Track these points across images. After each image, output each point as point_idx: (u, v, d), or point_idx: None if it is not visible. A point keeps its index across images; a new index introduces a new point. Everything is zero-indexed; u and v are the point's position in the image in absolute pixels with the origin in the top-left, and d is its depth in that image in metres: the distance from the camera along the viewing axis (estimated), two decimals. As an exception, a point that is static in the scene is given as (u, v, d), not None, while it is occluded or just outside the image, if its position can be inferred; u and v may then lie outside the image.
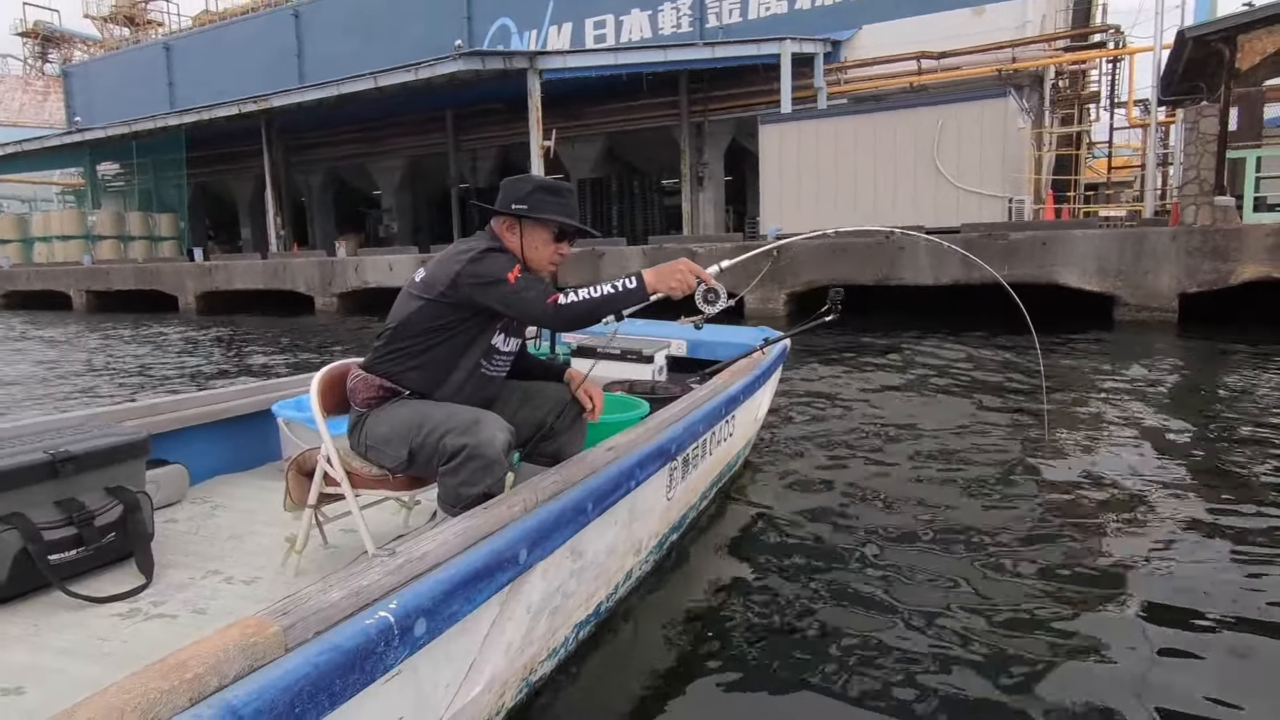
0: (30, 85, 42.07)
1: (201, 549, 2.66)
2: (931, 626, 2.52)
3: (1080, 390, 6.61)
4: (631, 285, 2.21)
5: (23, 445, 2.36)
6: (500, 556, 1.69)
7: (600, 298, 2.19)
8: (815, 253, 12.79)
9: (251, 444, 3.37)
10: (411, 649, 1.41)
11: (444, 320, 2.31)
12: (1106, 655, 2.33)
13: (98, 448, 2.45)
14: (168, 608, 2.26)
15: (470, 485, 2.15)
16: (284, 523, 2.73)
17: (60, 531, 2.30)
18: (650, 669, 2.31)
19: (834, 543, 3.26)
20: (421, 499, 2.75)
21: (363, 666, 1.29)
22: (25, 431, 2.51)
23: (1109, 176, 22.79)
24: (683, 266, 2.26)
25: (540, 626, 2.01)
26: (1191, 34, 11.84)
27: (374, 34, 25.28)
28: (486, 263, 2.25)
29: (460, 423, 2.20)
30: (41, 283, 23.88)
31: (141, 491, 2.54)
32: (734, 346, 4.62)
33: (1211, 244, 10.41)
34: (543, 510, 1.92)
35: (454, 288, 2.26)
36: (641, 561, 2.77)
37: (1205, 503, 3.63)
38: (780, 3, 19.85)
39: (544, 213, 2.38)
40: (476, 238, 2.46)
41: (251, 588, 2.40)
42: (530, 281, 2.23)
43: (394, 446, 2.28)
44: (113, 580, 2.39)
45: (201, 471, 3.17)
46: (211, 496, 3.11)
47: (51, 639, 2.06)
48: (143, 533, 2.48)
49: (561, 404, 2.56)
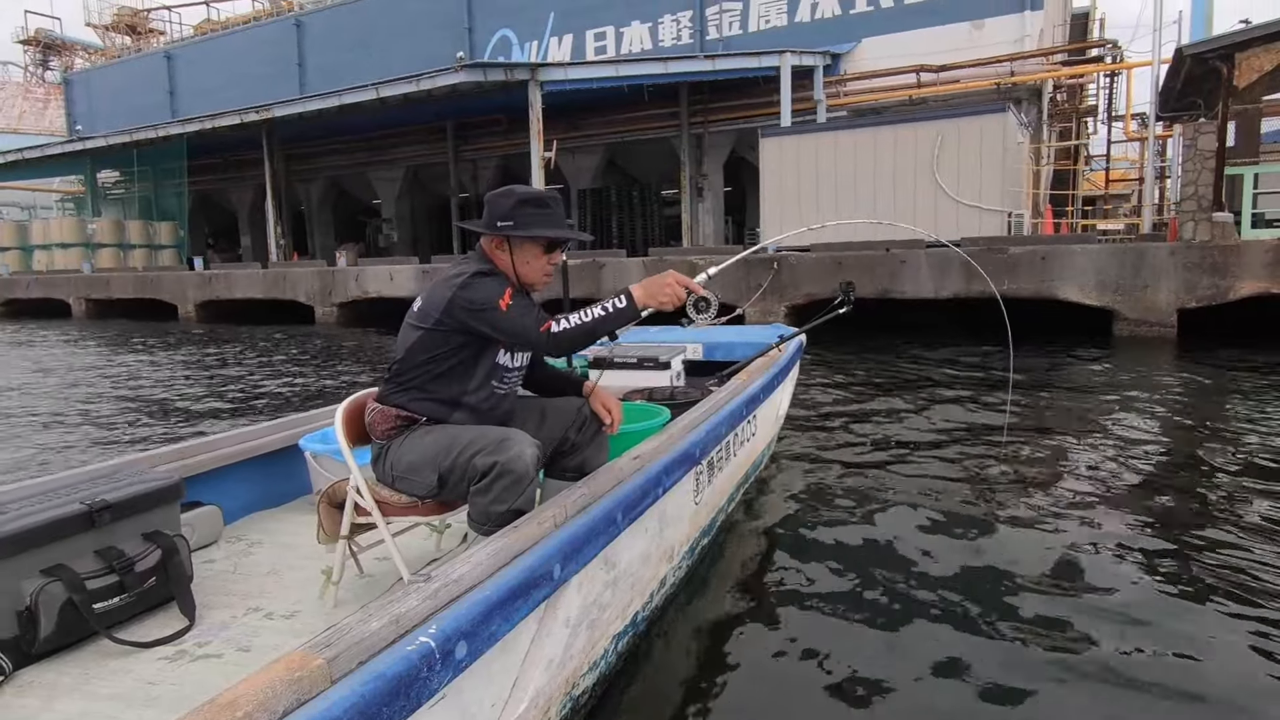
0: (31, 93, 42.04)
1: (241, 587, 2.69)
2: (980, 627, 2.56)
3: (1077, 403, 6.67)
4: (622, 304, 2.22)
5: (59, 498, 2.38)
6: (535, 573, 1.70)
7: (592, 321, 2.20)
8: (816, 265, 12.87)
9: (282, 479, 3.40)
10: (454, 672, 1.42)
11: (446, 347, 2.32)
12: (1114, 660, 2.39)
13: (132, 495, 2.46)
14: (212, 648, 2.28)
15: (501, 503, 2.16)
16: (319, 555, 2.76)
17: (102, 580, 2.32)
18: (690, 676, 2.34)
19: (866, 537, 3.31)
20: (452, 522, 2.77)
21: (408, 693, 1.30)
22: (60, 484, 2.53)
23: (1106, 190, 22.92)
24: (670, 279, 2.26)
25: (579, 640, 2.02)
26: (1189, 51, 11.96)
27: (375, 44, 25.37)
28: (477, 288, 2.25)
29: (489, 442, 2.21)
30: (41, 291, 23.89)
31: (178, 535, 2.56)
32: (750, 346, 4.64)
33: (1210, 260, 10.51)
34: (573, 524, 1.93)
35: (449, 315, 2.27)
36: (675, 568, 2.79)
37: (1206, 519, 3.68)
38: (780, 16, 19.97)
39: (530, 228, 2.36)
40: (467, 259, 2.47)
41: (292, 622, 2.42)
42: (523, 307, 2.23)
43: (423, 474, 2.30)
44: (157, 624, 2.41)
45: (235, 510, 3.20)
46: (246, 534, 3.13)
47: (101, 687, 2.09)
48: (182, 575, 2.51)
49: (581, 419, 2.57)
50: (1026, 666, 2.35)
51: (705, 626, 2.63)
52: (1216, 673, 2.34)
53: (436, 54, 21.67)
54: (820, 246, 13.44)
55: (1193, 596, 2.83)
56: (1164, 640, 2.52)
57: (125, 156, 26.70)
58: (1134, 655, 2.45)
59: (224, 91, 27.58)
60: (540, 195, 2.42)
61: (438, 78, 17.65)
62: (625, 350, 4.57)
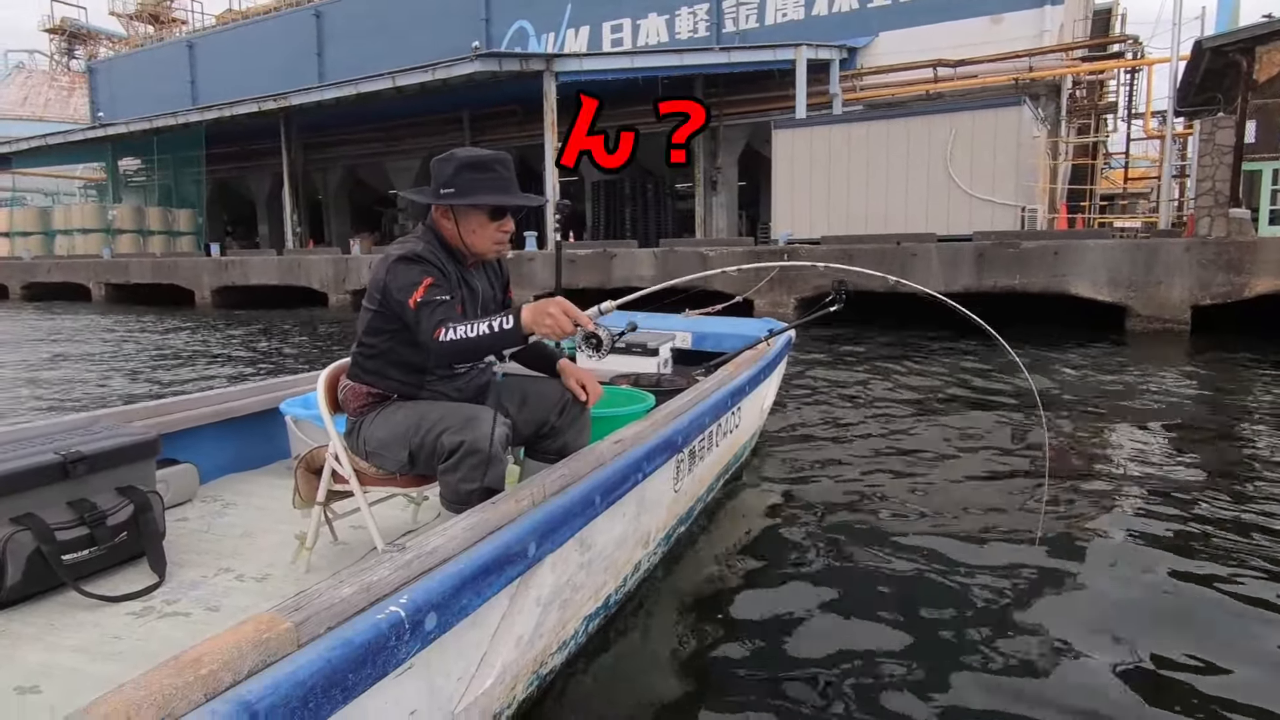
0: (56, 81, 42.63)
1: (213, 547, 2.69)
2: (940, 620, 2.54)
3: (1088, 400, 6.60)
4: (509, 325, 2.09)
5: (33, 446, 2.39)
6: (509, 550, 1.70)
7: (478, 337, 2.08)
8: (825, 258, 12.80)
9: (260, 442, 3.39)
10: (423, 643, 1.42)
11: (394, 325, 2.27)
12: (1107, 657, 2.35)
13: (108, 448, 2.48)
14: (181, 606, 2.26)
15: (469, 481, 2.15)
16: (294, 520, 2.74)
17: (73, 532, 2.33)
18: (659, 661, 2.34)
19: (841, 533, 3.29)
20: (429, 495, 2.76)
21: (375, 661, 1.30)
22: (35, 433, 2.54)
23: (1125, 187, 22.64)
24: (555, 308, 2.09)
25: (550, 619, 2.03)
26: (1209, 45, 11.78)
27: (393, 34, 25.47)
28: (396, 276, 2.19)
29: (456, 420, 2.19)
30: (62, 275, 24.19)
31: (152, 491, 2.57)
32: (739, 338, 4.62)
33: (1226, 256, 10.36)
34: (551, 503, 1.93)
35: (385, 295, 2.23)
36: (650, 554, 2.78)
37: (1213, 521, 3.62)
38: (797, 9, 19.86)
39: (472, 195, 2.24)
40: (415, 232, 2.38)
41: (263, 585, 2.41)
42: (428, 305, 2.13)
43: (393, 450, 2.29)
44: (126, 579, 2.41)
45: (211, 470, 3.20)
46: (222, 495, 3.13)
47: (66, 638, 2.08)
48: (154, 532, 2.51)
49: (562, 401, 2.53)
50: (1013, 663, 2.31)
51: (678, 612, 2.62)
52: (1237, 680, 2.28)
53: (454, 45, 21.71)
54: (830, 239, 13.37)
55: (1217, 604, 2.76)
56: (1175, 644, 2.46)
57: (146, 144, 27.01)
58: (1132, 651, 2.40)
59: (244, 81, 27.80)
60: (483, 158, 2.30)
61: (453, 67, 17.71)
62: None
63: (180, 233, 28.26)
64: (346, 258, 18.68)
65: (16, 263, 26.19)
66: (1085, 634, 2.49)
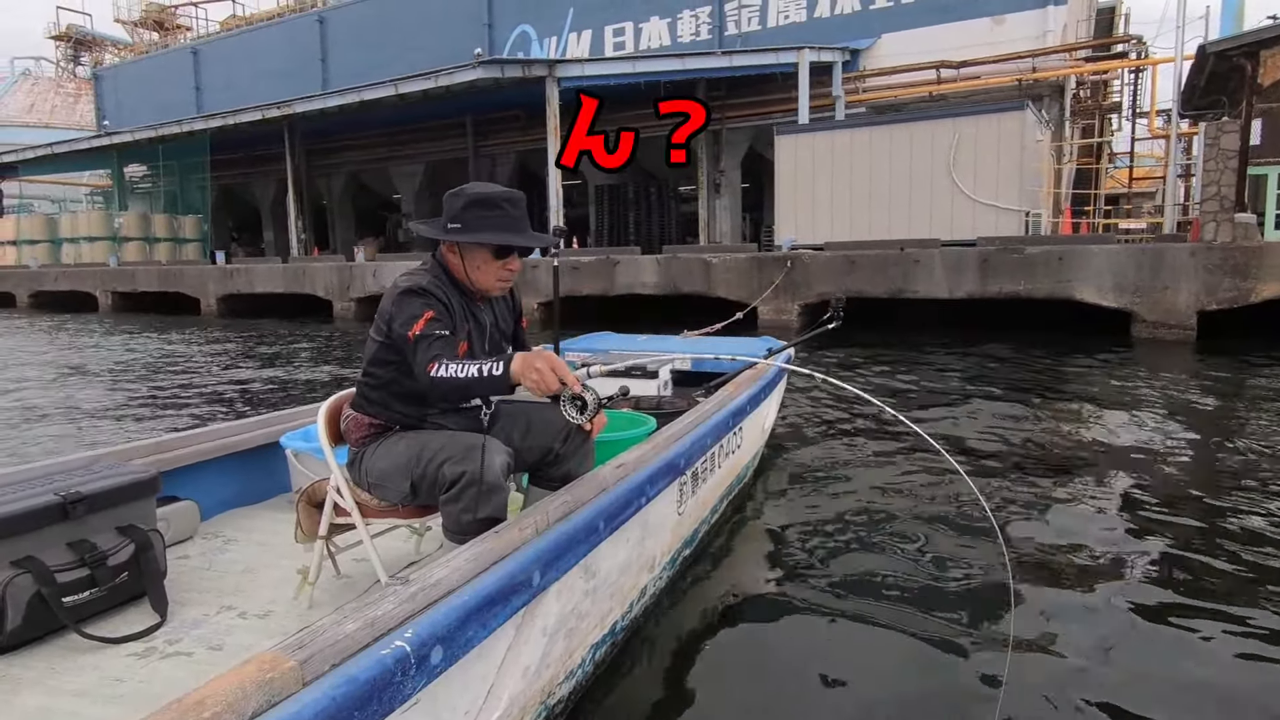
0: (62, 88, 42.82)
1: (215, 584, 2.66)
2: (955, 646, 2.52)
3: (1094, 406, 6.57)
4: (497, 372, 2.07)
5: (33, 488, 2.38)
6: (514, 580, 1.68)
7: (467, 379, 2.08)
8: (828, 265, 12.78)
9: (261, 477, 3.38)
10: (429, 677, 1.40)
11: (399, 357, 2.27)
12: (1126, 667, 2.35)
13: (107, 487, 2.46)
14: (183, 645, 2.25)
15: (470, 511, 2.14)
16: (296, 555, 2.72)
17: (73, 573, 2.32)
18: (667, 687, 2.33)
19: (848, 550, 3.27)
20: (432, 525, 2.72)
21: (380, 698, 1.28)
22: (34, 474, 2.53)
23: (1130, 188, 22.55)
24: (542, 363, 2.06)
25: (557, 648, 2.00)
26: (1213, 49, 11.72)
27: (397, 40, 25.53)
28: (399, 308, 2.20)
29: (456, 450, 2.18)
30: (68, 283, 24.28)
31: (153, 530, 2.56)
32: (738, 359, 4.65)
33: (1232, 261, 10.31)
34: (554, 531, 1.91)
35: (390, 327, 2.24)
36: (655, 578, 2.76)
37: (1219, 528, 3.61)
38: (799, 11, 19.83)
39: (477, 231, 2.25)
40: (424, 264, 2.41)
41: (266, 621, 2.40)
42: (425, 339, 2.13)
43: (395, 481, 2.28)
44: (127, 620, 2.39)
45: (212, 506, 3.19)
46: (223, 531, 3.11)
47: (67, 681, 2.06)
48: (155, 571, 2.49)
49: (566, 429, 2.50)
50: (1025, 686, 2.29)
51: (684, 638, 2.60)
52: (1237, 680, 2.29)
53: (457, 50, 21.77)
54: (834, 245, 13.35)
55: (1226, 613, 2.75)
56: (1184, 649, 2.47)
57: (151, 151, 27.09)
58: (1143, 656, 2.40)
59: (249, 87, 27.91)
60: (491, 196, 2.29)
61: (456, 74, 17.75)
62: (613, 358, 4.56)
63: (186, 239, 28.34)
64: (351, 265, 18.73)
65: (24, 271, 26.33)
66: (1107, 658, 2.46)
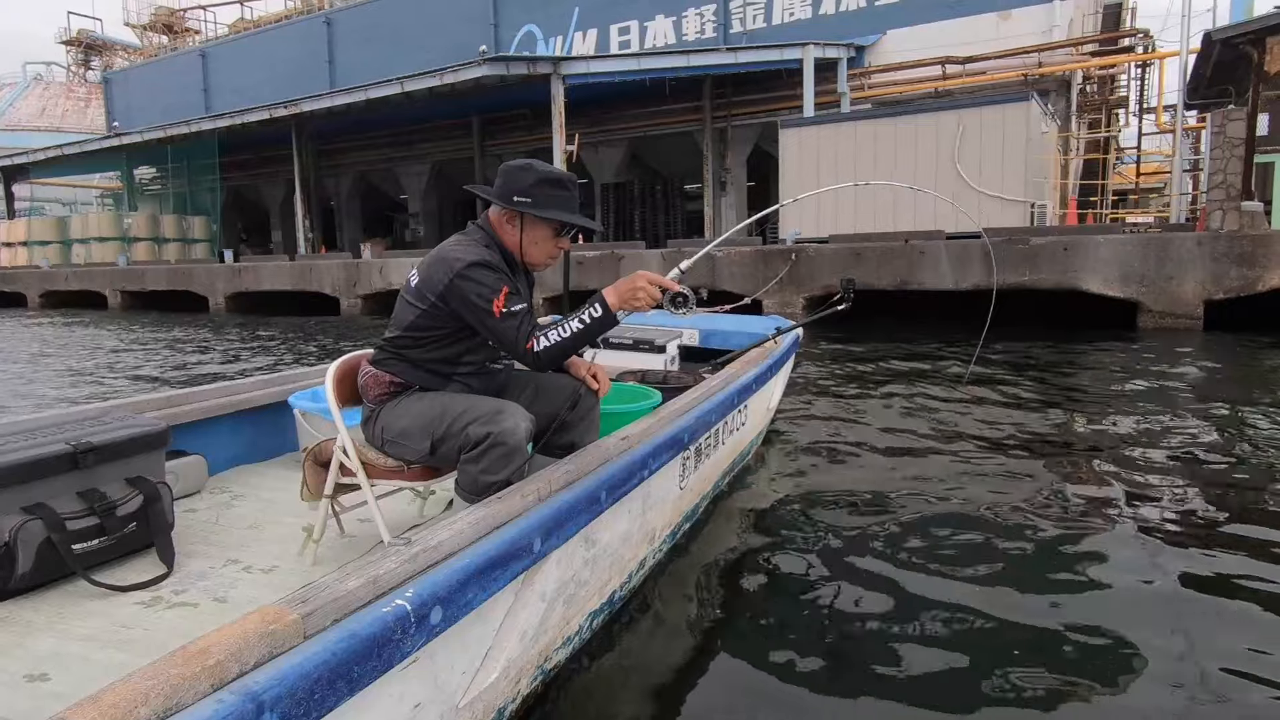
0: (73, 92, 43.16)
1: (221, 538, 2.71)
2: (947, 620, 2.54)
3: (1098, 396, 6.57)
4: (598, 313, 2.18)
5: (44, 437, 2.43)
6: (515, 545, 1.71)
7: (573, 335, 2.17)
8: (833, 256, 12.79)
9: (269, 434, 3.43)
10: (428, 636, 1.44)
11: (444, 327, 2.32)
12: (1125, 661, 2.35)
13: (118, 439, 2.52)
14: (189, 596, 2.30)
15: (491, 473, 2.16)
16: (301, 512, 2.77)
17: (83, 521, 2.37)
18: (663, 657, 2.35)
19: (847, 531, 3.28)
20: (436, 489, 2.78)
21: (380, 654, 1.31)
22: (46, 423, 2.57)
23: (1138, 182, 22.47)
24: (642, 281, 2.22)
25: (555, 615, 2.03)
26: (1218, 37, 11.69)
27: (403, 41, 25.64)
28: (473, 282, 2.21)
29: (483, 412, 2.22)
30: (79, 283, 24.48)
31: (161, 482, 2.61)
32: (746, 336, 4.63)
33: (1238, 250, 10.27)
34: (557, 499, 1.93)
35: (444, 300, 2.26)
36: (655, 550, 2.79)
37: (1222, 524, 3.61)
38: (804, 8, 19.84)
39: (548, 209, 2.31)
40: (471, 234, 2.41)
41: (270, 576, 2.44)
42: (513, 316, 2.20)
43: (415, 439, 2.31)
44: (134, 569, 2.44)
45: (220, 462, 3.23)
46: (230, 487, 3.15)
47: (75, 626, 2.11)
48: (163, 522, 2.55)
49: (574, 396, 2.55)
50: (1024, 670, 2.28)
51: (682, 608, 2.62)
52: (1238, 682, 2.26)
53: (463, 51, 21.82)
54: (839, 237, 13.35)
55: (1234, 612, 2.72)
56: (1186, 647, 2.44)
57: (160, 153, 27.29)
58: (1147, 652, 2.37)
59: (257, 89, 28.06)
60: (560, 176, 2.37)
61: (461, 72, 17.83)
62: (621, 331, 4.56)
63: (195, 240, 28.55)
64: (357, 262, 18.82)
65: (35, 271, 26.56)
66: (1104, 637, 2.46)
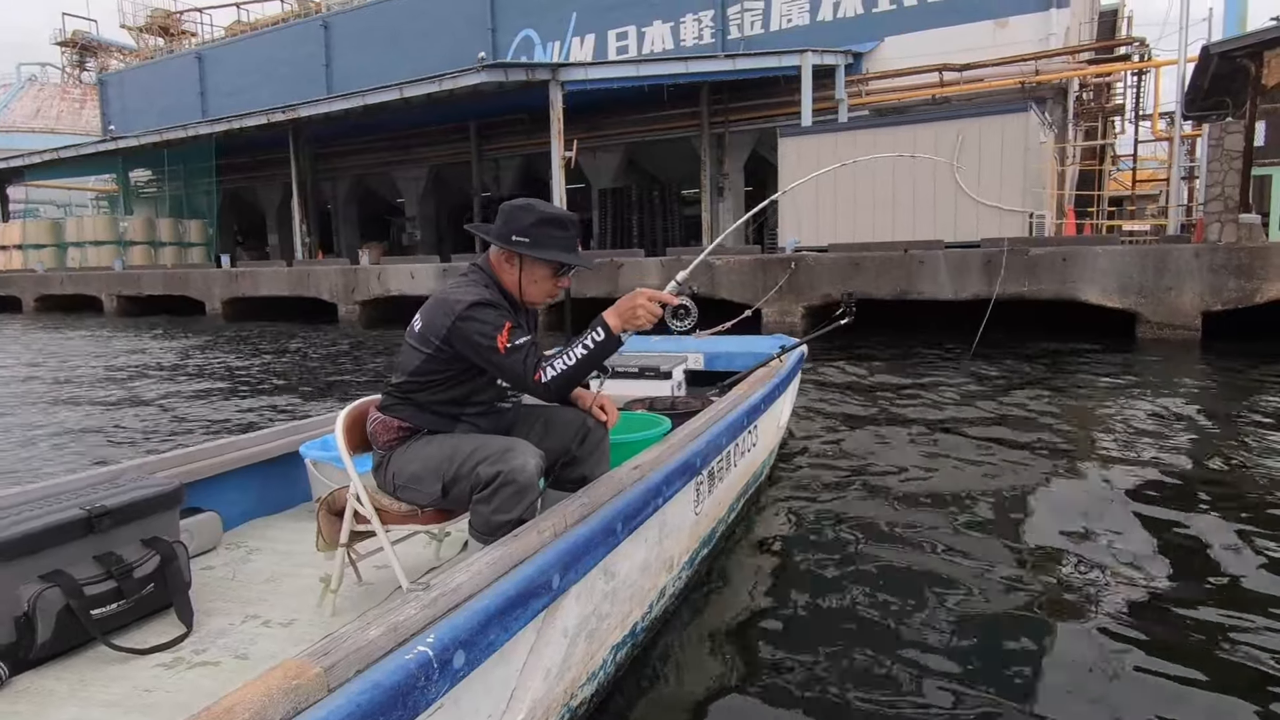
0: (68, 94, 42.97)
1: (239, 594, 2.70)
2: (973, 645, 2.54)
3: (1097, 408, 6.59)
4: (601, 337, 2.20)
5: (58, 503, 2.41)
6: (533, 583, 1.70)
7: (579, 362, 2.20)
8: (832, 266, 12.81)
9: (282, 486, 3.42)
10: (452, 681, 1.42)
11: (449, 371, 2.33)
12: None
13: (132, 500, 2.49)
14: (210, 655, 2.29)
15: (503, 512, 2.17)
16: (318, 563, 2.76)
17: (100, 586, 2.35)
18: (689, 686, 2.35)
19: (866, 548, 3.29)
20: (451, 530, 2.77)
21: (405, 703, 1.29)
22: (60, 489, 2.56)
23: (1134, 190, 22.54)
24: (641, 300, 2.23)
25: (578, 650, 2.02)
26: (1216, 50, 11.73)
27: (400, 45, 25.59)
28: (475, 322, 2.22)
29: (492, 451, 2.22)
30: (74, 287, 24.36)
31: (177, 541, 2.59)
32: (751, 356, 4.62)
33: (1236, 261, 10.31)
34: (572, 534, 1.92)
35: (447, 344, 2.27)
36: (674, 578, 2.78)
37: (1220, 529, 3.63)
38: (802, 15, 19.85)
39: (547, 249, 2.33)
40: (471, 275, 2.42)
41: (290, 630, 2.43)
42: (519, 350, 2.21)
43: (426, 483, 2.31)
44: (154, 631, 2.44)
45: (234, 517, 3.22)
46: (245, 541, 3.15)
47: (98, 693, 2.09)
48: (180, 582, 2.53)
49: (583, 430, 2.56)
50: (1046, 686, 2.30)
51: (704, 637, 2.62)
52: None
53: (461, 55, 21.81)
54: (838, 246, 13.38)
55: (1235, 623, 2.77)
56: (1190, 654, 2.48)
57: (156, 156, 27.21)
58: (1159, 664, 2.41)
59: (253, 92, 27.97)
60: (561, 216, 2.39)
61: (460, 78, 17.80)
62: (627, 360, 4.57)
63: (191, 244, 28.42)
64: (355, 268, 18.79)
65: (30, 275, 26.43)
66: (1123, 656, 2.48)
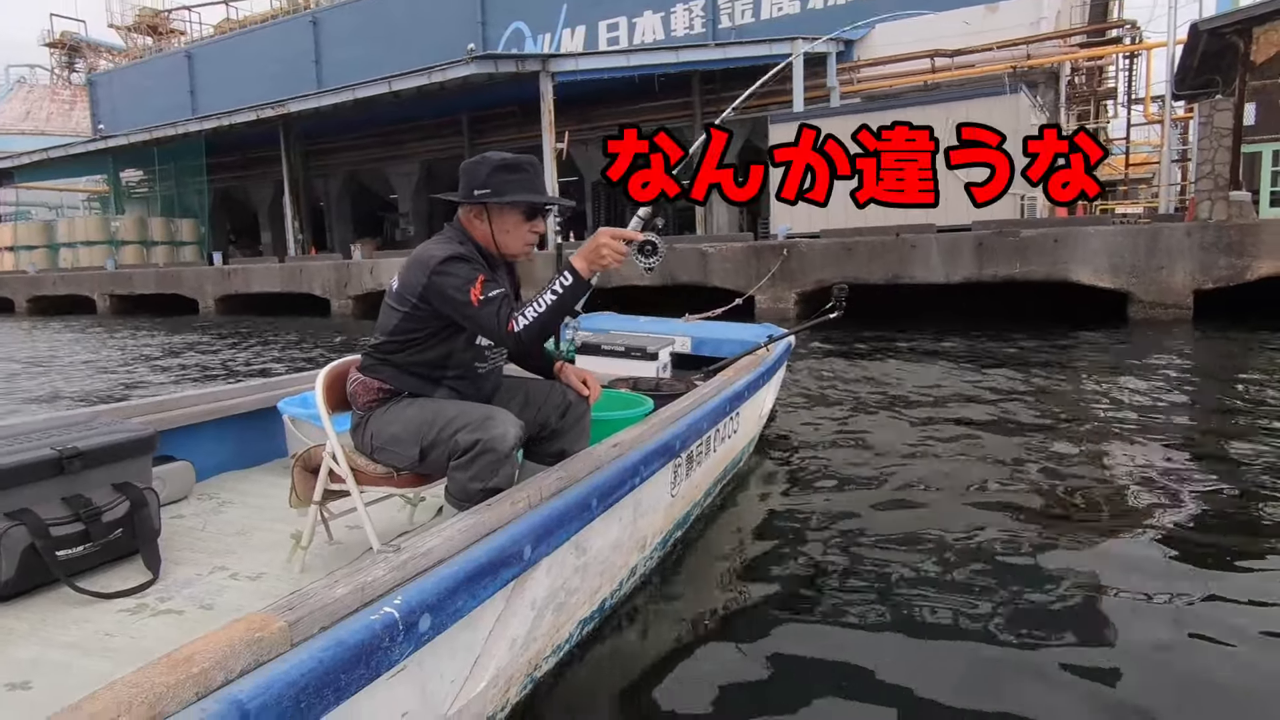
0: (57, 95, 42.82)
1: (208, 545, 2.68)
2: (940, 623, 2.52)
3: (1088, 388, 6.58)
4: (569, 280, 2.14)
5: (30, 442, 2.39)
6: (505, 552, 1.69)
7: (550, 307, 2.14)
8: (825, 252, 12.80)
9: (258, 441, 3.39)
10: (416, 644, 1.42)
11: (427, 329, 2.30)
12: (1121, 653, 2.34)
13: (105, 444, 2.47)
14: (174, 603, 2.26)
15: (480, 480, 2.16)
16: (290, 519, 2.73)
17: (67, 528, 2.33)
18: (653, 665, 2.33)
19: (838, 539, 3.26)
20: (426, 495, 2.76)
21: (368, 662, 1.29)
22: (32, 428, 2.53)
23: (1126, 173, 22.57)
24: (604, 239, 2.19)
25: (544, 622, 2.02)
26: (1205, 27, 11.73)
27: (390, 40, 25.56)
28: (448, 276, 2.19)
29: (472, 419, 2.20)
30: (66, 288, 24.32)
31: (148, 488, 2.56)
32: (738, 344, 4.61)
33: (1227, 239, 10.31)
34: (547, 506, 1.92)
35: (424, 301, 2.25)
36: (646, 558, 2.77)
37: (1214, 515, 3.61)
38: (793, 3, 19.86)
39: (508, 194, 2.28)
40: (445, 233, 2.39)
41: (257, 584, 2.41)
42: (491, 302, 2.17)
43: (405, 446, 2.29)
44: (120, 576, 2.41)
45: (208, 468, 3.19)
46: (218, 493, 3.12)
47: (58, 634, 2.07)
48: (149, 529, 2.51)
49: (564, 404, 2.54)
50: (1017, 675, 2.26)
51: (672, 616, 2.60)
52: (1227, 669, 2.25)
53: (451, 49, 21.74)
54: (830, 232, 13.35)
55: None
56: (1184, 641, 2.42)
57: (147, 155, 27.12)
58: (1167, 648, 2.35)
59: (243, 89, 27.90)
60: (516, 160, 2.34)
61: (449, 70, 17.77)
62: (613, 338, 4.56)
63: (184, 242, 28.35)
64: (348, 263, 18.75)
65: (22, 277, 26.36)
66: (1102, 642, 2.43)
